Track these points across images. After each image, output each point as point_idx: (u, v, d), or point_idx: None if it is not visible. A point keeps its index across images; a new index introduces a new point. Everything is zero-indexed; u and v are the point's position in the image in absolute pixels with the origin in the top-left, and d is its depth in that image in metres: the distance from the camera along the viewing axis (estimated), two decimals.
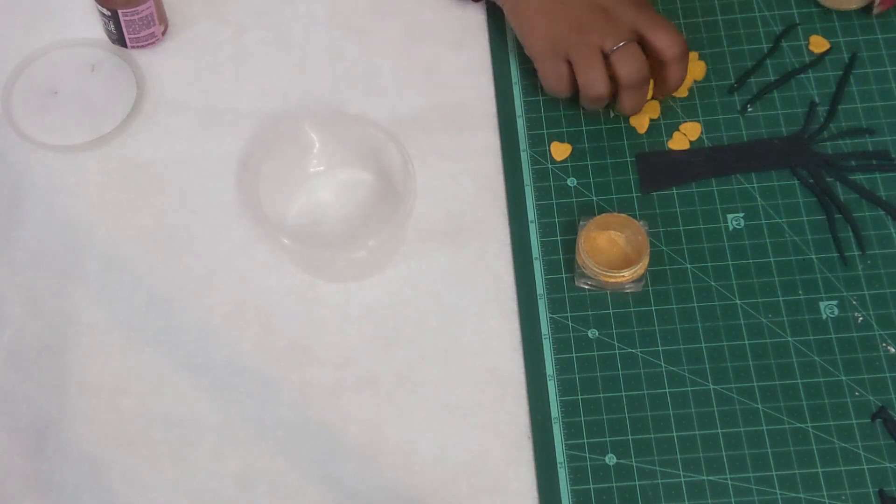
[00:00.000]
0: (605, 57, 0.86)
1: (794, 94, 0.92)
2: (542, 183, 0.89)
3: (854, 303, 0.83)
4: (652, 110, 0.91)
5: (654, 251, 0.85)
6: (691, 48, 0.93)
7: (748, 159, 0.89)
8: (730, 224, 0.86)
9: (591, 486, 0.78)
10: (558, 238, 0.87)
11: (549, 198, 0.88)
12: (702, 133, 0.90)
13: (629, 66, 0.85)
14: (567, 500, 0.78)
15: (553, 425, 0.80)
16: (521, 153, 0.90)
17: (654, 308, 0.84)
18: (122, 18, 0.92)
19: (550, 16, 0.87)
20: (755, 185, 0.88)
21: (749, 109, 0.91)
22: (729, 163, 0.89)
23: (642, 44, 0.86)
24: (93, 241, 0.88)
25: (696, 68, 0.92)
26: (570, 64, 0.86)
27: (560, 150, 0.90)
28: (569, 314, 0.84)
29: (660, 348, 0.82)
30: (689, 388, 0.81)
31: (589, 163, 0.89)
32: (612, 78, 0.86)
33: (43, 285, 0.87)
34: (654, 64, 0.87)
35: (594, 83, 0.86)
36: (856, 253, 0.85)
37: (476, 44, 0.95)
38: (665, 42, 0.86)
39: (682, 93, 0.91)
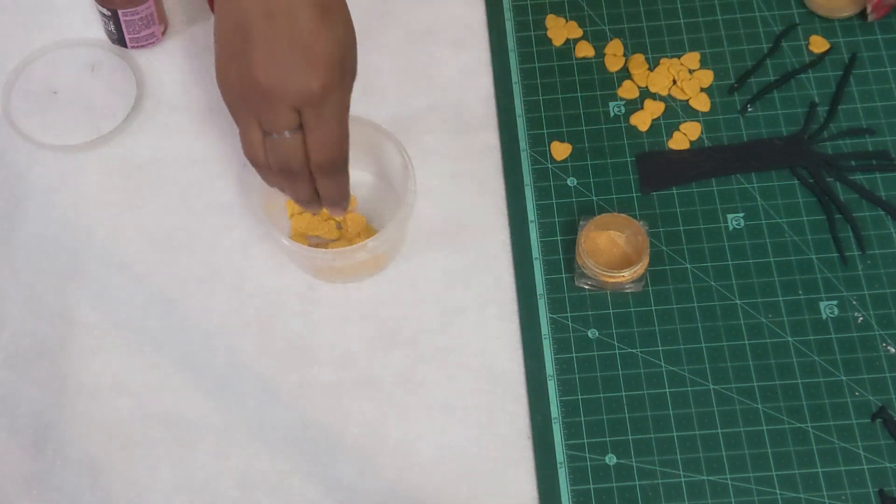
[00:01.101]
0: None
1: (794, 94, 0.92)
2: (542, 183, 0.89)
3: (854, 303, 0.83)
4: (654, 109, 0.91)
5: (654, 251, 0.85)
6: (692, 48, 0.94)
7: (748, 159, 0.89)
8: (730, 224, 0.86)
9: (591, 486, 0.78)
10: (558, 238, 0.87)
11: (549, 198, 0.88)
12: (702, 133, 0.90)
13: (273, 163, 0.74)
14: (567, 500, 0.78)
15: (553, 425, 0.80)
16: (521, 153, 0.90)
17: (654, 308, 0.84)
18: (122, 18, 0.92)
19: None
20: (755, 185, 0.88)
21: (749, 109, 0.91)
22: (729, 163, 0.89)
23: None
24: (93, 241, 0.88)
25: (704, 76, 0.92)
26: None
27: (560, 150, 0.90)
28: (569, 314, 0.84)
29: (660, 348, 0.82)
30: (689, 388, 0.81)
31: (589, 163, 0.89)
32: None
33: (43, 285, 0.87)
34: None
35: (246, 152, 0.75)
36: (856, 253, 0.85)
37: (476, 44, 0.95)
38: (311, 152, 0.73)
39: (705, 107, 0.91)
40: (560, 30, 0.95)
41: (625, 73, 0.93)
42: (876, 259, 0.85)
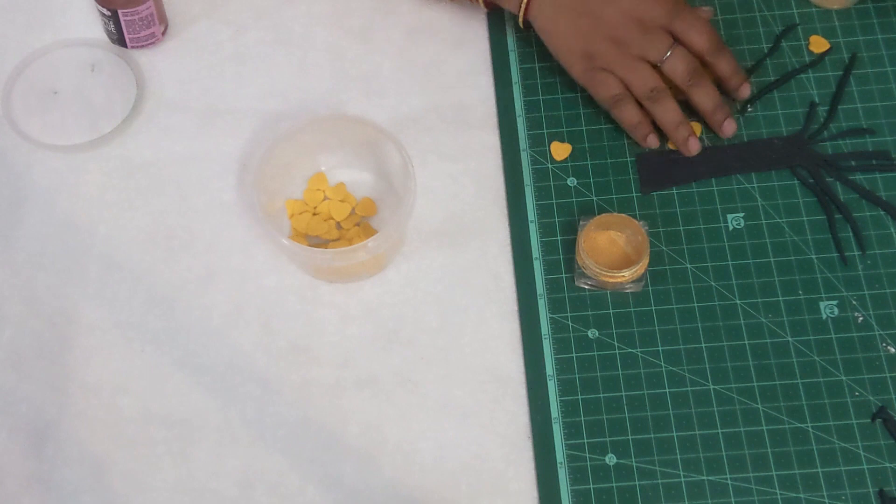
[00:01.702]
0: (655, 67, 0.87)
1: (794, 94, 0.92)
2: (542, 183, 0.89)
3: (854, 303, 0.83)
4: None
5: (654, 251, 0.85)
6: None
7: (748, 159, 0.89)
8: (730, 224, 0.86)
9: (591, 486, 0.78)
10: (558, 238, 0.87)
11: (549, 198, 0.88)
12: (702, 133, 0.90)
13: (681, 69, 0.87)
14: (567, 500, 0.78)
15: (553, 425, 0.80)
16: (521, 153, 0.90)
17: (654, 308, 0.84)
18: (122, 18, 0.92)
19: (583, 33, 0.87)
20: (755, 185, 0.88)
21: (749, 109, 0.91)
22: (729, 163, 0.89)
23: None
24: (93, 241, 0.88)
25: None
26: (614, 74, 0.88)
27: (560, 150, 0.90)
28: (569, 314, 0.84)
29: (660, 348, 0.82)
30: (689, 388, 0.81)
31: (589, 163, 0.89)
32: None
33: (43, 285, 0.87)
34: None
35: (642, 79, 0.87)
36: (856, 253, 0.85)
37: (476, 44, 0.95)
38: (697, 43, 0.87)
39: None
40: None
41: None
42: (876, 259, 0.85)
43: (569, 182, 0.89)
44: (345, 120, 0.89)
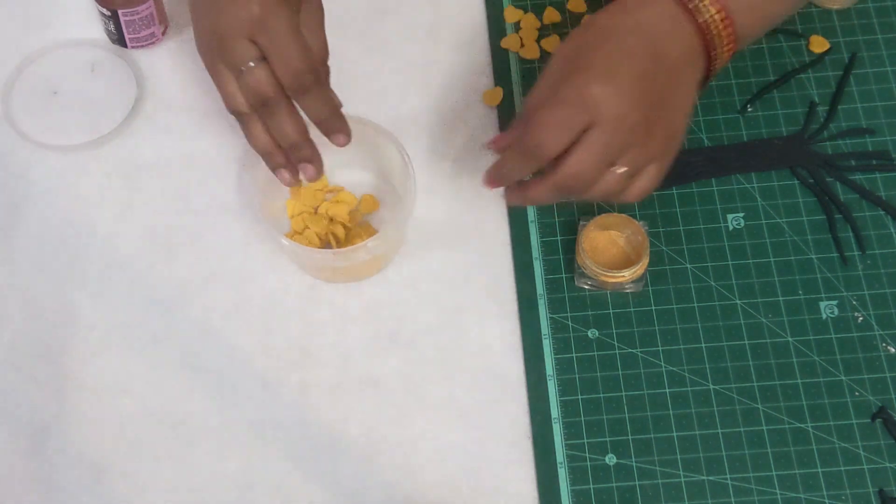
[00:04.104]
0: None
1: (794, 94, 0.92)
2: None
3: (854, 303, 0.83)
4: None
5: (654, 251, 0.85)
6: None
7: (748, 159, 0.89)
8: (730, 224, 0.86)
9: (591, 486, 0.78)
10: (558, 238, 0.87)
11: None
12: (702, 133, 0.90)
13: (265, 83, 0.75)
14: (567, 500, 0.78)
15: (553, 425, 0.80)
16: None
17: (654, 308, 0.84)
18: (122, 18, 0.92)
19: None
20: (755, 185, 0.88)
21: (749, 109, 0.91)
22: (729, 163, 0.89)
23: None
24: (93, 241, 0.88)
25: None
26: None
27: None
28: (569, 314, 0.84)
29: (660, 348, 0.82)
30: (689, 388, 0.81)
31: None
32: None
33: (43, 285, 0.87)
34: None
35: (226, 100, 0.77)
36: (856, 253, 0.85)
37: (476, 44, 0.95)
38: (278, 71, 0.75)
39: None
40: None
41: None
42: (876, 259, 0.85)
43: None
44: None
